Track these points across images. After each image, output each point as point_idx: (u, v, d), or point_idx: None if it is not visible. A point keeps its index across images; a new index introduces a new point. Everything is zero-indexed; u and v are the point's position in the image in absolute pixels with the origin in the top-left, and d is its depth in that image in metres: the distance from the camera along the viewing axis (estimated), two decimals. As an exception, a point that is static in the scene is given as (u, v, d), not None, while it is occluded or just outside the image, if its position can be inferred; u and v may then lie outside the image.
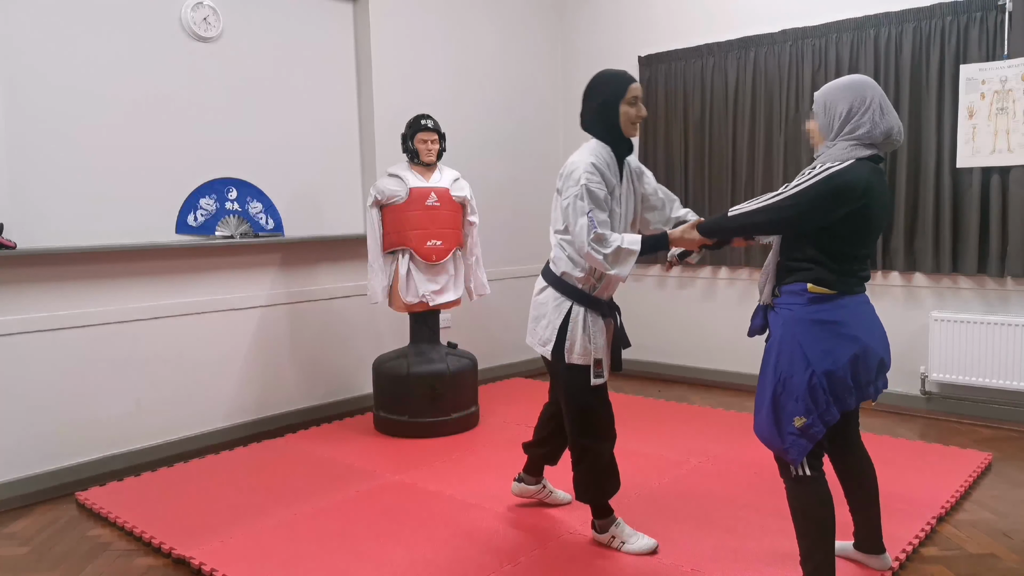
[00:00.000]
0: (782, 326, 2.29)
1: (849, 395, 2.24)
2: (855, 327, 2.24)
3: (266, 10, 4.44)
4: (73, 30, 3.70)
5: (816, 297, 2.24)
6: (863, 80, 2.27)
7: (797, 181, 2.24)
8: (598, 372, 2.69)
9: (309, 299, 4.63)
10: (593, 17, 5.94)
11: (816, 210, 2.19)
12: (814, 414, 2.21)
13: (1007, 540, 2.87)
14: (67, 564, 2.87)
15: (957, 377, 4.38)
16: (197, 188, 4.13)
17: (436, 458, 3.86)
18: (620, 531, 2.81)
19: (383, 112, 4.90)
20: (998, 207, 4.23)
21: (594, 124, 2.72)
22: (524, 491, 3.22)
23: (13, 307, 3.52)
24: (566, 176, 2.66)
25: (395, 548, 2.87)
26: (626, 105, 2.67)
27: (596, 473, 2.78)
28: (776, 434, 2.27)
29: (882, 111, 2.23)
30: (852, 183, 2.17)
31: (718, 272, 5.39)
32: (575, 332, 2.68)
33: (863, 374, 2.25)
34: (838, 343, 2.21)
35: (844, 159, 2.21)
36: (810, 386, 2.20)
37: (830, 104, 2.28)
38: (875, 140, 2.24)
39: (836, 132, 2.27)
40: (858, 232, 2.24)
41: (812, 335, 2.22)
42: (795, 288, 2.28)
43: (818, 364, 2.20)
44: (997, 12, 4.16)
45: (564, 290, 2.72)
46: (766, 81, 5.00)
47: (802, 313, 2.25)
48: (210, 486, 3.54)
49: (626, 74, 2.71)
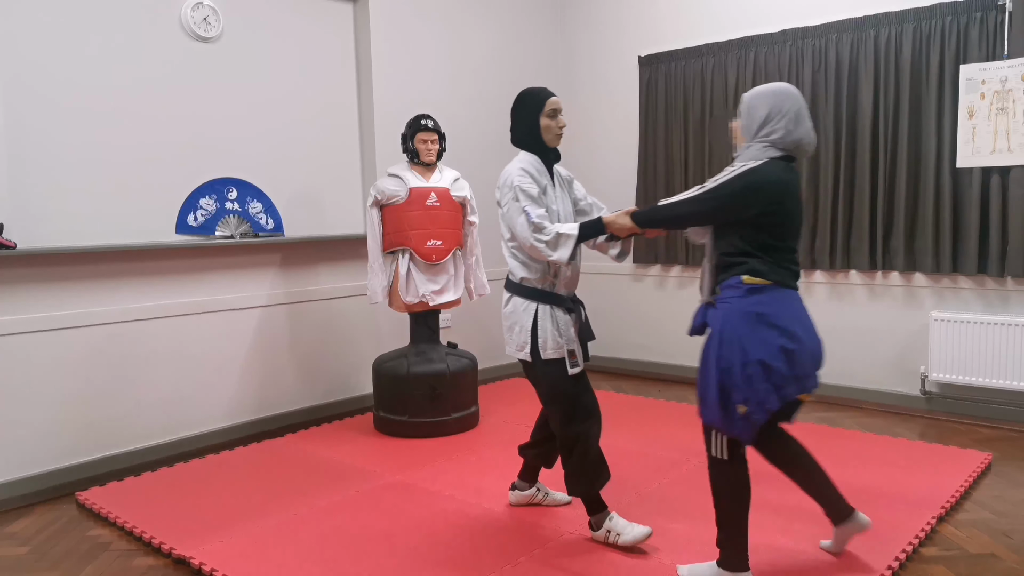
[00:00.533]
0: (722, 319, 2.40)
1: (788, 384, 2.34)
2: (790, 322, 2.36)
3: (266, 10, 4.44)
4: (73, 30, 3.71)
5: (752, 289, 2.37)
6: (787, 89, 2.44)
7: (717, 178, 2.42)
8: (573, 362, 2.82)
9: (309, 299, 4.63)
10: (593, 17, 5.94)
11: (733, 205, 2.37)
12: (754, 401, 2.33)
13: (1007, 540, 2.87)
14: (67, 564, 2.87)
15: (957, 377, 4.38)
16: (197, 188, 4.13)
17: (436, 458, 3.86)
18: (614, 524, 2.86)
19: (383, 112, 4.91)
20: (998, 207, 4.23)
21: (521, 139, 2.92)
22: (520, 498, 3.22)
23: (13, 307, 3.52)
24: (501, 186, 2.85)
25: (395, 548, 2.87)
26: (546, 118, 2.87)
27: (587, 462, 2.85)
28: (723, 418, 2.39)
29: (797, 121, 2.40)
30: (765, 180, 2.35)
31: (718, 272, 5.38)
32: (545, 329, 2.80)
33: (798, 367, 2.35)
34: (773, 334, 2.33)
35: (758, 159, 2.39)
36: (749, 375, 2.32)
37: (752, 108, 2.44)
38: (787, 146, 2.41)
39: (754, 134, 2.44)
40: (779, 225, 2.40)
41: (749, 327, 2.34)
42: (732, 282, 2.41)
43: (755, 354, 2.31)
44: (997, 12, 4.16)
45: (527, 294, 2.85)
46: (766, 81, 4.96)
47: (739, 305, 2.37)
48: (210, 486, 3.54)
49: (545, 90, 2.91)
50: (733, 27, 5.15)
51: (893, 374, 4.69)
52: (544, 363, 2.82)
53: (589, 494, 2.88)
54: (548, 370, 2.83)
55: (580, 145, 5.97)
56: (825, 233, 4.82)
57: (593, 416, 2.88)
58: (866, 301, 4.77)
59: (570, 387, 2.83)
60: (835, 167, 4.75)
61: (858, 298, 4.80)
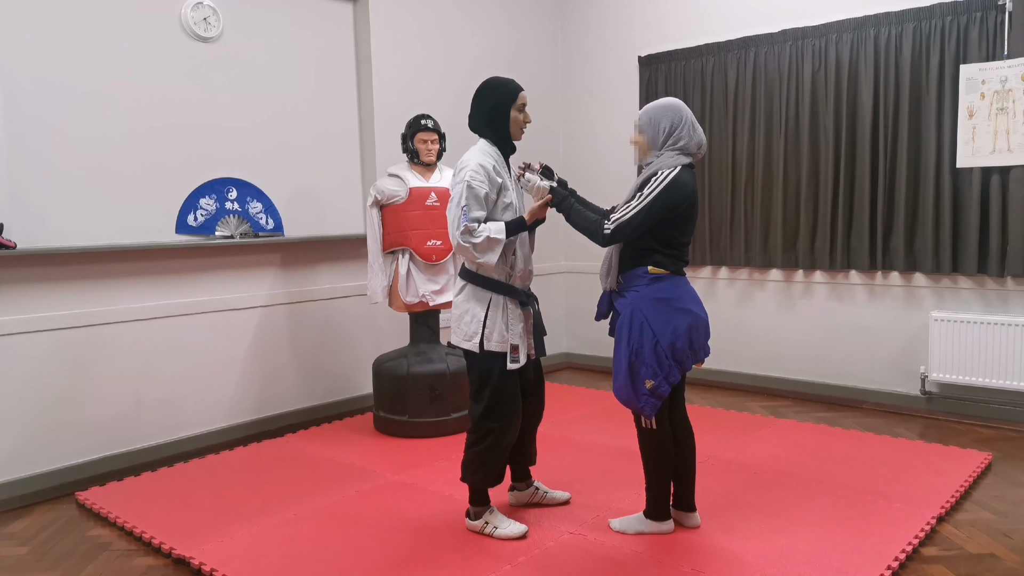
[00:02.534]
0: (630, 305, 2.73)
1: (687, 359, 2.73)
2: (687, 302, 2.74)
3: (266, 10, 4.44)
4: (73, 29, 3.71)
5: (655, 278, 2.72)
6: (677, 102, 2.78)
7: (645, 189, 2.66)
8: (514, 357, 2.85)
9: (309, 299, 4.63)
10: (593, 17, 5.94)
11: (665, 207, 2.66)
12: (660, 376, 2.69)
13: (1007, 540, 2.87)
14: (67, 564, 2.87)
15: (957, 377, 4.38)
16: (197, 188, 4.13)
17: (436, 458, 3.86)
18: (494, 517, 2.95)
19: (383, 112, 4.91)
20: (998, 207, 4.23)
21: (483, 126, 2.91)
22: (519, 498, 3.23)
23: (13, 307, 3.52)
24: (456, 173, 2.84)
25: (395, 548, 2.87)
26: (515, 111, 2.87)
27: (489, 458, 2.90)
28: (633, 396, 2.74)
29: (693, 127, 2.75)
30: (685, 185, 2.67)
31: (718, 272, 5.39)
32: (495, 320, 2.83)
33: (696, 340, 2.74)
34: (676, 315, 2.69)
35: (673, 166, 2.68)
36: (656, 353, 2.68)
37: (655, 121, 2.74)
38: (691, 151, 2.74)
39: (661, 144, 2.74)
40: (684, 223, 2.74)
41: (655, 311, 2.69)
42: (637, 272, 2.74)
43: (662, 335, 2.68)
44: (997, 12, 4.16)
45: (483, 284, 2.86)
46: (766, 81, 5.00)
47: (645, 292, 2.72)
48: (210, 486, 3.54)
49: (514, 82, 2.92)
50: (733, 27, 5.15)
51: (893, 374, 4.69)
52: (485, 354, 2.84)
53: (479, 487, 2.95)
54: (486, 362, 2.84)
55: (580, 145, 5.97)
56: (825, 233, 4.82)
57: (512, 419, 2.90)
58: (866, 301, 4.77)
59: (503, 384, 2.85)
60: (835, 167, 4.75)
61: (858, 298, 4.80)
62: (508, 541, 2.89)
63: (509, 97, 2.86)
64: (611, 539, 2.89)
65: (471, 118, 2.94)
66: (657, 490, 2.87)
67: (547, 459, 3.67)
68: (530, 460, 3.21)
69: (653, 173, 2.69)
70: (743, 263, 5.22)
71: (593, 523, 3.03)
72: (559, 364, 6.19)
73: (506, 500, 3.23)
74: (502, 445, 2.90)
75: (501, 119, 2.86)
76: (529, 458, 3.20)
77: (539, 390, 3.12)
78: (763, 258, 5.12)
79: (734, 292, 5.33)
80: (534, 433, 3.18)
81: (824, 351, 4.94)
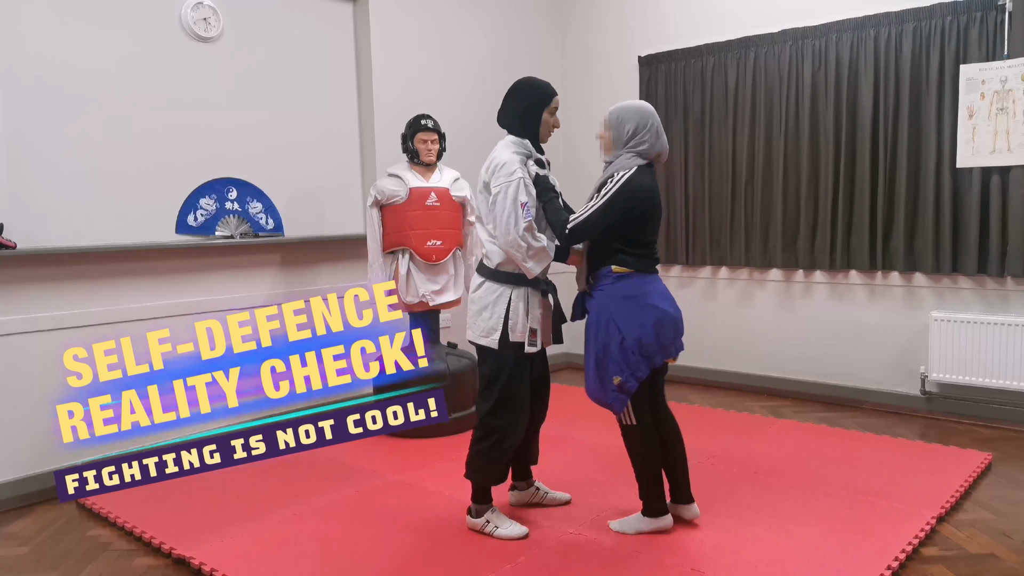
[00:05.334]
0: (597, 305, 2.81)
1: (656, 354, 2.76)
2: (653, 298, 2.78)
3: (266, 10, 4.44)
4: (73, 29, 3.70)
5: (620, 276, 2.78)
6: (648, 107, 2.84)
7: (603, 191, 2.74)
8: (532, 341, 2.87)
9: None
10: (593, 17, 5.94)
11: (621, 209, 2.72)
12: (627, 372, 2.73)
13: (1007, 540, 2.87)
14: (67, 564, 2.87)
15: (957, 377, 4.37)
16: (197, 188, 4.13)
17: (436, 458, 3.86)
18: (495, 517, 2.95)
19: (383, 112, 4.90)
20: (998, 207, 4.22)
21: (515, 125, 2.90)
22: (520, 498, 3.23)
23: (13, 307, 3.52)
24: (495, 169, 2.81)
25: (395, 548, 2.87)
26: (548, 114, 2.90)
27: (493, 456, 2.91)
28: (602, 392, 2.80)
29: (658, 135, 2.82)
30: (642, 185, 2.75)
31: (718, 272, 5.39)
32: (517, 312, 2.85)
33: (663, 336, 2.76)
34: (642, 312, 2.74)
35: (630, 167, 2.76)
36: (622, 349, 2.73)
37: (621, 121, 2.81)
38: (650, 156, 2.83)
39: (624, 144, 2.81)
40: (646, 222, 2.80)
41: (621, 309, 2.75)
42: (603, 272, 2.82)
43: (628, 332, 2.73)
44: (997, 12, 4.16)
45: (502, 279, 2.87)
46: (766, 81, 5.00)
47: (611, 291, 2.78)
48: (210, 486, 3.54)
49: (550, 85, 2.93)
50: (733, 27, 5.15)
51: (893, 374, 4.69)
52: (499, 351, 2.84)
53: (482, 485, 2.96)
54: (499, 359, 2.85)
55: (580, 145, 5.97)
56: (825, 233, 4.82)
57: (518, 419, 2.90)
58: (866, 301, 4.77)
59: (511, 382, 2.86)
60: (835, 167, 4.75)
61: (858, 298, 4.80)
62: (508, 541, 2.89)
63: (544, 100, 2.87)
64: (611, 539, 2.89)
65: (501, 114, 2.93)
66: (648, 486, 2.90)
67: (547, 459, 3.66)
68: (532, 459, 3.21)
69: (610, 175, 2.77)
70: (743, 263, 5.22)
71: (593, 523, 3.03)
72: (559, 364, 6.19)
73: (507, 500, 3.23)
74: (506, 444, 2.90)
75: (533, 120, 2.87)
76: (531, 457, 3.20)
77: (544, 390, 3.12)
78: (763, 258, 5.12)
79: (734, 292, 5.33)
80: (537, 432, 3.18)
81: (824, 351, 4.94)
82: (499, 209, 2.76)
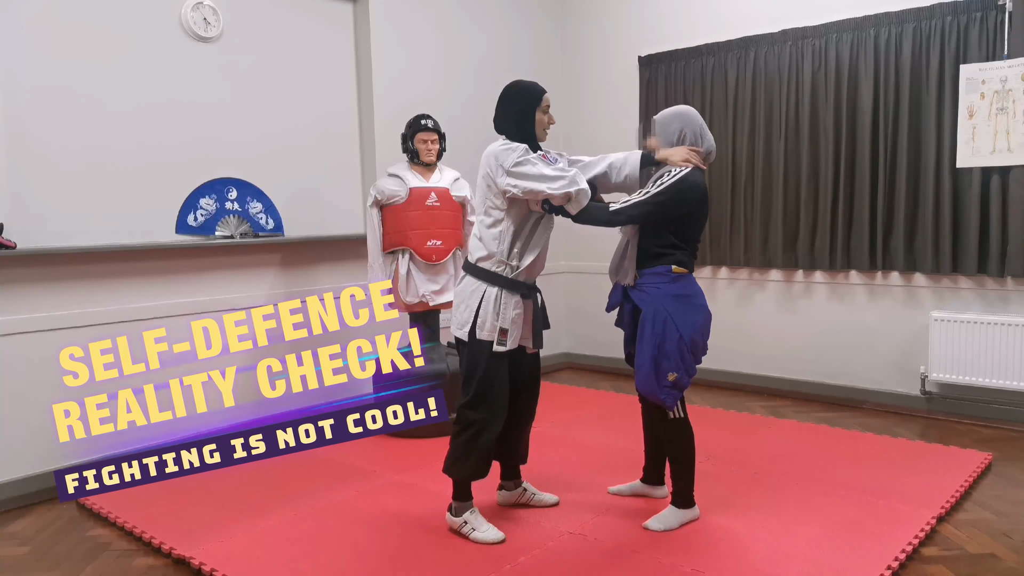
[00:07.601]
0: (652, 302, 2.85)
1: (702, 352, 2.90)
2: (701, 298, 2.91)
3: (266, 10, 4.44)
4: (73, 29, 3.70)
5: (676, 276, 2.85)
6: (691, 110, 2.96)
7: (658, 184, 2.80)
8: (501, 340, 2.86)
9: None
10: (593, 17, 5.94)
11: (673, 204, 2.79)
12: (682, 369, 2.83)
13: (1007, 540, 2.87)
14: (67, 564, 2.87)
15: (957, 377, 4.37)
16: (197, 188, 4.13)
17: (436, 458, 3.84)
18: (474, 518, 2.94)
19: (383, 112, 4.90)
20: (998, 207, 4.23)
21: (510, 128, 2.93)
22: (507, 498, 3.22)
23: (13, 307, 3.52)
24: (497, 154, 2.82)
25: (395, 548, 2.87)
26: (540, 113, 2.92)
27: (472, 450, 2.90)
28: (656, 388, 2.85)
29: (703, 135, 2.91)
30: (693, 184, 2.82)
31: (718, 272, 5.39)
32: (487, 311, 2.86)
33: (707, 335, 2.92)
34: (695, 312, 2.86)
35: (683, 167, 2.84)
36: (679, 347, 2.81)
37: (666, 125, 2.93)
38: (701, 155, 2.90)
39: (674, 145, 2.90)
40: (697, 222, 2.91)
41: (677, 308, 2.83)
42: (659, 270, 2.86)
43: (684, 330, 2.81)
44: (997, 12, 4.16)
45: (481, 275, 2.90)
46: (766, 81, 5.00)
47: (667, 290, 2.84)
48: (210, 486, 3.53)
49: (538, 85, 2.98)
50: (733, 27, 5.15)
51: (893, 374, 4.69)
52: (476, 342, 2.87)
53: (460, 480, 2.96)
54: (476, 349, 2.88)
55: (580, 145, 5.96)
56: (825, 233, 4.82)
57: (496, 413, 2.91)
58: (866, 301, 4.77)
59: (487, 375, 2.87)
60: (835, 167, 4.75)
61: (858, 298, 4.80)
62: (518, 539, 2.88)
63: (534, 100, 2.91)
64: (611, 539, 2.89)
65: (497, 119, 2.98)
66: (688, 478, 2.98)
67: (547, 459, 3.67)
68: (521, 459, 3.19)
69: (668, 169, 2.86)
70: (743, 263, 5.22)
71: (593, 523, 3.03)
72: (559, 364, 6.19)
73: (494, 499, 3.23)
74: (484, 438, 2.90)
75: (527, 122, 2.91)
76: (520, 456, 3.19)
77: (533, 388, 3.12)
78: (763, 258, 5.12)
79: (734, 292, 5.33)
80: (526, 431, 3.17)
81: (824, 351, 4.94)
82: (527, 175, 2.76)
